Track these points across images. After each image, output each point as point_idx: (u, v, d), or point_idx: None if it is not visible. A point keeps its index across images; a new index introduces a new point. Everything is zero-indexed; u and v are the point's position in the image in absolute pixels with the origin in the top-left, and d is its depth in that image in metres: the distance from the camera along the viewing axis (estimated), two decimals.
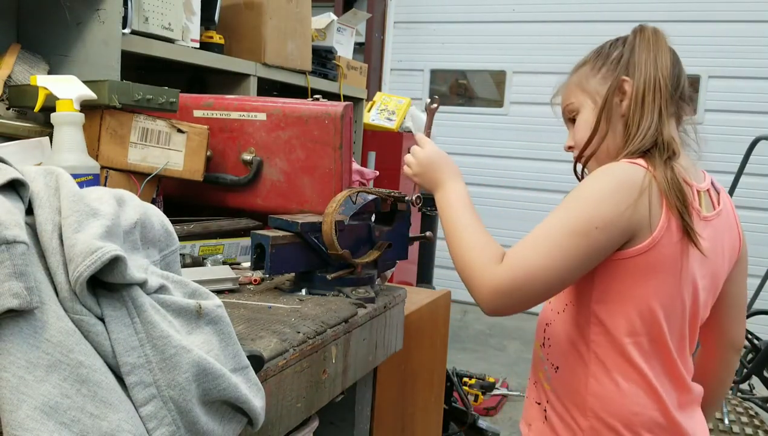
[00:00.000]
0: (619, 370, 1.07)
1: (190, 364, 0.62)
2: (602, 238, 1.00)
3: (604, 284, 1.06)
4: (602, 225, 1.00)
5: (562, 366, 1.15)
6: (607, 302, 1.07)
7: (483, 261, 1.04)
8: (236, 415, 0.70)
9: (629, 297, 1.05)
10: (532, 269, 1.00)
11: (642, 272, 1.03)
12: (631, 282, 1.04)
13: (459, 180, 1.21)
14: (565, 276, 1.02)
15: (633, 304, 1.05)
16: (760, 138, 3.02)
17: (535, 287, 1.01)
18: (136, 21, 1.78)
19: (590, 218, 1.00)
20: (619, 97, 1.12)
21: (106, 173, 1.28)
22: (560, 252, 1.00)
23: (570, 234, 1.00)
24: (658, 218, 1.01)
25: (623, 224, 1.01)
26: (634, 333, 1.06)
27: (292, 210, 1.45)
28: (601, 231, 1.00)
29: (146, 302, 0.63)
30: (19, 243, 0.56)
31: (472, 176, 5.42)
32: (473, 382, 3.46)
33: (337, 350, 1.09)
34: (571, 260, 1.00)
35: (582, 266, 1.02)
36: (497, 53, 5.55)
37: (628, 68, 1.12)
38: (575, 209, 1.03)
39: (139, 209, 0.75)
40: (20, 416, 0.52)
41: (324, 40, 2.96)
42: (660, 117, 1.08)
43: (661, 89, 1.09)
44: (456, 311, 5.20)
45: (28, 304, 0.55)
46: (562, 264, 1.00)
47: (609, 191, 1.02)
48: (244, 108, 1.52)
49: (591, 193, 1.03)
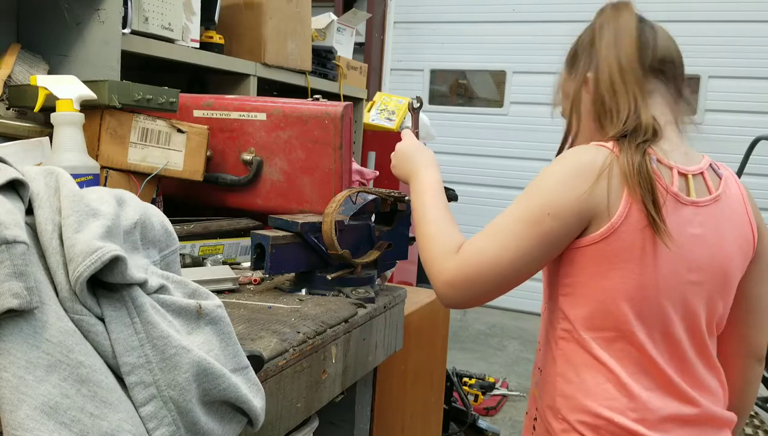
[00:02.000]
0: (586, 367, 1.00)
1: (190, 364, 0.62)
2: (556, 225, 0.96)
3: (566, 275, 1.02)
4: (554, 212, 0.96)
5: (543, 368, 1.11)
6: (570, 295, 1.02)
7: (440, 252, 1.02)
8: (236, 415, 0.70)
9: (590, 288, 0.99)
10: (485, 259, 0.97)
11: (601, 260, 0.97)
12: (591, 272, 0.99)
13: (431, 169, 1.18)
14: (520, 266, 0.97)
15: (594, 296, 0.99)
16: (760, 138, 3.02)
17: (489, 279, 0.97)
18: (136, 21, 1.78)
19: (542, 204, 0.97)
20: (586, 91, 1.09)
21: (106, 173, 1.28)
22: (513, 242, 0.97)
23: (522, 222, 0.97)
24: (618, 203, 0.96)
25: (577, 209, 0.96)
26: (596, 328, 0.99)
27: (292, 210, 1.45)
28: (553, 218, 0.96)
29: (146, 302, 0.63)
30: (19, 243, 0.56)
31: (472, 176, 5.42)
32: (473, 382, 3.46)
33: (337, 350, 1.09)
34: (525, 250, 0.96)
35: (538, 256, 0.98)
36: (497, 53, 5.54)
37: (591, 61, 1.09)
38: (529, 197, 0.99)
39: (139, 209, 0.75)
40: (20, 416, 0.52)
41: (324, 40, 2.96)
42: (635, 101, 1.02)
43: (626, 71, 1.04)
44: (456, 311, 5.20)
45: (28, 304, 0.55)
46: (515, 254, 0.96)
47: (563, 176, 0.98)
48: (244, 108, 1.52)
49: (544, 180, 1.00)
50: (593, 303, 0.99)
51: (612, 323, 0.99)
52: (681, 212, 0.98)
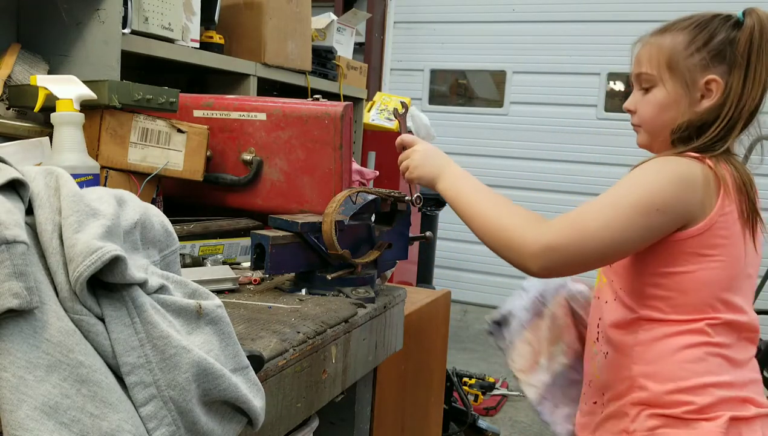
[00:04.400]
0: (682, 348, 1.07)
1: (190, 364, 0.62)
2: (661, 220, 1.03)
3: (663, 264, 1.07)
4: (663, 208, 1.02)
5: (611, 351, 1.15)
6: (663, 286, 1.08)
7: (523, 222, 1.06)
8: (236, 415, 0.70)
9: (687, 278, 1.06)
10: (590, 232, 1.02)
11: (697, 253, 1.05)
12: (689, 262, 1.06)
13: (454, 165, 1.23)
14: (618, 249, 1.04)
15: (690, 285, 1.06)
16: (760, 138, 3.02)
17: (589, 250, 1.02)
18: (136, 21, 1.78)
19: (652, 198, 1.02)
20: (703, 92, 1.10)
21: (106, 173, 1.28)
22: (619, 224, 1.02)
23: (631, 208, 1.02)
24: (713, 205, 1.04)
25: (681, 211, 1.03)
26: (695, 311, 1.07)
27: (292, 210, 1.45)
28: (662, 214, 1.02)
29: (146, 302, 0.63)
30: (19, 243, 0.56)
31: None
32: (473, 382, 3.46)
33: (337, 350, 1.09)
34: (628, 234, 1.02)
35: (636, 244, 1.04)
36: (497, 53, 5.54)
37: (733, 71, 1.08)
38: (639, 188, 1.05)
39: (139, 209, 0.75)
40: (20, 416, 0.52)
41: (324, 40, 2.96)
42: (737, 130, 1.10)
43: (756, 113, 1.10)
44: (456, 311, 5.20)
45: (28, 304, 0.55)
46: (619, 236, 1.02)
47: (672, 179, 1.04)
48: (244, 108, 1.52)
49: (655, 176, 1.05)
50: (689, 292, 1.06)
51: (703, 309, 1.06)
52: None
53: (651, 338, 1.09)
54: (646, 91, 1.15)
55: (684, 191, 1.04)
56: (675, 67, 1.11)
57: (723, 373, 1.06)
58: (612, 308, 1.16)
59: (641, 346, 1.10)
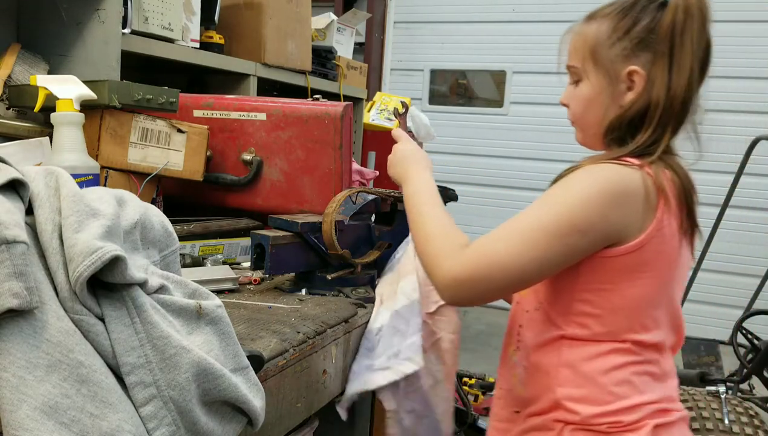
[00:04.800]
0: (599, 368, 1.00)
1: (190, 364, 0.62)
2: (582, 241, 0.95)
3: (589, 281, 1.00)
4: (586, 228, 0.94)
5: (534, 366, 1.08)
6: (590, 302, 1.01)
7: (445, 249, 1.00)
8: (236, 415, 0.70)
9: (616, 295, 0.99)
10: (499, 262, 0.95)
11: (629, 270, 0.97)
12: (618, 280, 0.98)
13: (425, 171, 1.16)
14: (532, 273, 0.96)
15: (619, 303, 0.99)
16: (760, 138, 3.01)
17: (497, 279, 0.95)
18: (136, 21, 1.78)
19: (572, 219, 0.94)
20: (628, 84, 1.01)
21: (106, 173, 1.28)
22: (534, 251, 0.94)
23: (544, 232, 0.94)
24: (652, 218, 0.96)
25: (607, 232, 0.95)
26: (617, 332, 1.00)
27: (292, 210, 1.45)
28: (582, 234, 0.94)
29: (146, 302, 0.63)
30: (19, 243, 0.56)
31: (472, 176, 5.41)
32: (473, 382, 3.45)
33: (337, 350, 1.09)
34: (544, 260, 0.95)
35: (554, 266, 0.97)
36: (497, 53, 5.54)
37: (656, 59, 0.99)
38: (558, 208, 0.96)
39: (140, 209, 0.75)
40: (20, 415, 0.52)
41: (324, 40, 2.96)
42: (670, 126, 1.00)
43: (689, 105, 1.00)
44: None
45: (28, 304, 0.55)
46: (534, 262, 0.95)
47: (597, 197, 0.95)
48: (244, 108, 1.52)
49: (575, 194, 0.96)
50: (617, 310, 1.00)
51: (632, 327, 1.00)
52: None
53: (576, 359, 1.02)
54: (576, 85, 1.07)
55: (614, 208, 0.94)
56: (598, 58, 1.03)
57: (649, 391, 1.01)
58: (534, 320, 1.09)
59: (566, 368, 1.02)
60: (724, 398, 2.12)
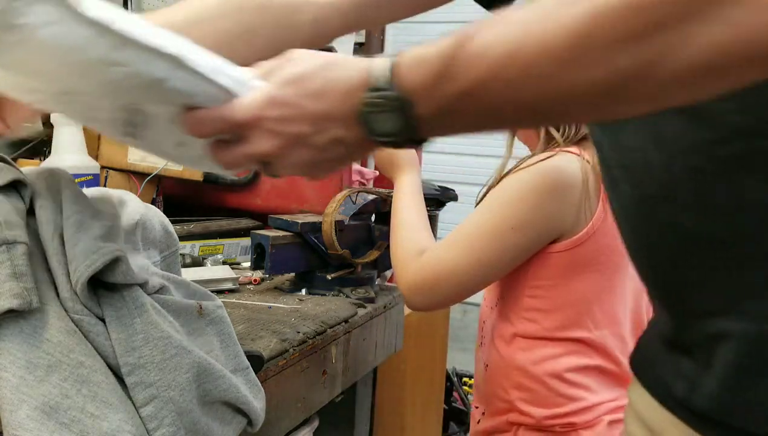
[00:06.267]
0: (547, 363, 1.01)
1: (190, 365, 0.62)
2: (520, 238, 0.96)
3: (536, 277, 1.01)
4: (518, 225, 0.95)
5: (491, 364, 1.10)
6: (539, 297, 1.02)
7: (405, 258, 1.03)
8: (236, 416, 0.70)
9: (564, 290, 1.00)
10: (443, 269, 0.97)
11: (576, 264, 0.98)
12: (565, 275, 0.99)
13: (409, 172, 1.18)
14: (478, 276, 0.98)
15: (567, 298, 1.00)
16: None
17: (446, 286, 0.98)
18: None
19: (504, 218, 0.96)
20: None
21: (106, 173, 1.28)
22: (474, 254, 0.96)
23: (484, 236, 0.97)
24: (595, 208, 0.96)
25: (547, 226, 0.96)
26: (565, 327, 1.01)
27: (292, 210, 1.45)
28: (517, 231, 0.95)
29: (147, 302, 0.63)
30: (19, 244, 0.56)
31: (472, 176, 5.41)
32: (473, 382, 3.46)
33: (337, 350, 1.09)
34: (487, 263, 0.97)
35: (500, 266, 0.98)
36: None
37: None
38: (491, 210, 0.99)
39: (140, 210, 0.76)
40: (20, 416, 0.52)
41: None
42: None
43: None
44: (456, 311, 5.20)
45: (28, 304, 0.55)
46: (476, 266, 0.97)
47: (532, 193, 0.96)
48: None
49: (509, 192, 0.98)
50: (566, 305, 1.00)
51: (581, 323, 1.00)
52: None
53: (528, 361, 1.02)
54: None
55: (550, 203, 0.95)
56: None
57: (603, 390, 1.01)
58: (493, 317, 1.10)
59: (518, 370, 1.03)
60: None
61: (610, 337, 1.02)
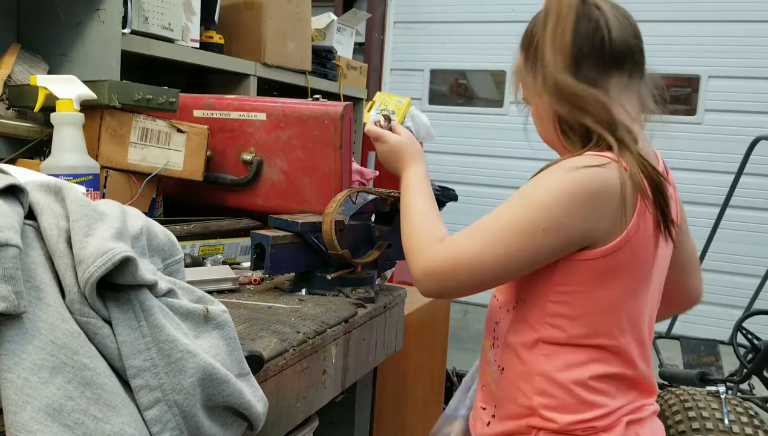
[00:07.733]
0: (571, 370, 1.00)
1: (195, 368, 0.62)
2: (549, 241, 0.93)
3: (563, 283, 0.99)
4: (549, 227, 0.93)
5: (508, 368, 1.07)
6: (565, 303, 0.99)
7: (424, 241, 1.02)
8: (237, 420, 0.71)
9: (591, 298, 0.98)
10: (465, 258, 0.95)
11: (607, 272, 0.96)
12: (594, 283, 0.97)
13: (418, 164, 1.18)
14: (500, 271, 0.96)
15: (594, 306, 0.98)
16: (760, 138, 3.01)
17: (464, 276, 0.96)
18: (135, 21, 1.78)
19: (537, 220, 0.93)
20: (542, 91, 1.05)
21: (106, 173, 1.28)
22: (499, 248, 0.94)
23: (512, 232, 0.94)
24: (631, 215, 0.94)
25: (580, 233, 0.94)
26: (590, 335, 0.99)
27: (292, 210, 1.45)
28: (547, 233, 0.93)
29: (154, 304, 0.63)
30: (10, 247, 0.56)
31: (472, 176, 5.42)
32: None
33: (337, 350, 1.09)
34: (508, 259, 0.95)
35: (523, 266, 0.96)
36: (497, 53, 5.54)
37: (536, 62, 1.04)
38: (524, 208, 0.95)
39: (142, 219, 0.76)
40: (24, 417, 0.52)
41: (324, 40, 2.95)
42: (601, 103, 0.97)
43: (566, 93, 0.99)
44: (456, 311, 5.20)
45: (16, 308, 0.54)
46: (499, 260, 0.95)
47: (568, 199, 0.93)
48: (244, 108, 1.52)
49: (544, 193, 0.95)
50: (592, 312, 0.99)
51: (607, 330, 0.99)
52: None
53: (553, 369, 1.00)
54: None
55: (584, 209, 0.93)
56: (526, 86, 1.12)
57: (625, 396, 1.01)
58: (511, 319, 1.08)
59: (542, 377, 1.01)
60: (724, 398, 2.12)
61: (632, 343, 1.01)
